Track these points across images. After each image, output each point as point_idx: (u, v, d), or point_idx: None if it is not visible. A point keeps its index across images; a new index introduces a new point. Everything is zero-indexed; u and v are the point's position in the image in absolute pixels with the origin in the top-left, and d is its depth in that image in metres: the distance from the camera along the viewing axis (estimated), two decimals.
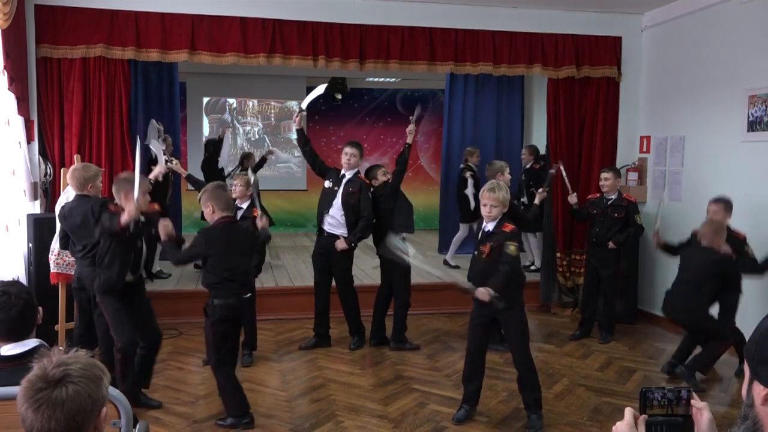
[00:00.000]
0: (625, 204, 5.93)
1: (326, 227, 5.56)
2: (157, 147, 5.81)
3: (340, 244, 5.46)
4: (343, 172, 5.55)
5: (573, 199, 6.04)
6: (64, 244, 4.71)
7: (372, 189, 5.62)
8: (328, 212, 5.52)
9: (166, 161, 5.52)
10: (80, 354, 1.65)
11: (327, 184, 5.59)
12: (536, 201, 5.65)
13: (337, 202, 5.48)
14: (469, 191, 7.72)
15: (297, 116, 5.92)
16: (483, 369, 4.29)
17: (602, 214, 5.95)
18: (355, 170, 5.55)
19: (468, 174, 7.81)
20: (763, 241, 5.26)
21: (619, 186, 6.10)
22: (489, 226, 4.07)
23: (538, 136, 8.83)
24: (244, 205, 5.23)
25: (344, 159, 5.51)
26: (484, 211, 4.04)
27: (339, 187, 5.49)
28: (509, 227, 4.02)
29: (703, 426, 1.34)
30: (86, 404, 1.52)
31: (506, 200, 4.04)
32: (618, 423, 1.36)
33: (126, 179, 4.17)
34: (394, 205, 5.56)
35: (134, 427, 2.33)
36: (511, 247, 3.96)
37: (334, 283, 5.74)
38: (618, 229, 5.89)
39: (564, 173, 6.10)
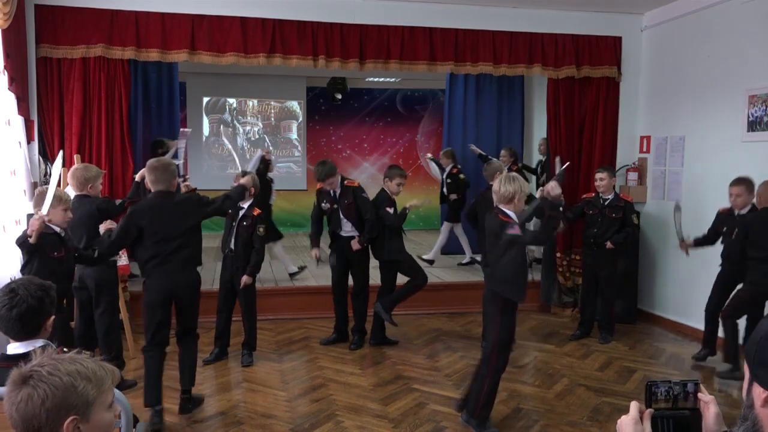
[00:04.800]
0: (622, 204, 5.93)
1: (342, 234, 5.72)
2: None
3: (355, 245, 5.62)
4: (330, 190, 5.68)
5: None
6: None
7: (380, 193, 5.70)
8: (340, 230, 5.70)
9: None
10: (72, 356, 1.54)
11: (325, 206, 5.72)
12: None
13: (342, 219, 5.65)
14: None
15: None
16: None
17: (599, 214, 5.95)
18: (341, 183, 5.65)
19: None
20: None
21: (614, 186, 6.09)
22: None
23: (539, 136, 8.84)
24: (245, 205, 5.24)
25: (328, 188, 5.64)
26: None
27: (337, 205, 5.64)
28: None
29: (709, 420, 1.33)
30: (38, 411, 1.44)
31: (509, 192, 3.89)
32: (623, 417, 1.35)
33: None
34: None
35: (134, 427, 2.34)
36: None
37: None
38: (616, 229, 5.89)
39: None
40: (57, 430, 1.47)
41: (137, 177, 5.04)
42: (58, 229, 3.92)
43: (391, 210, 5.62)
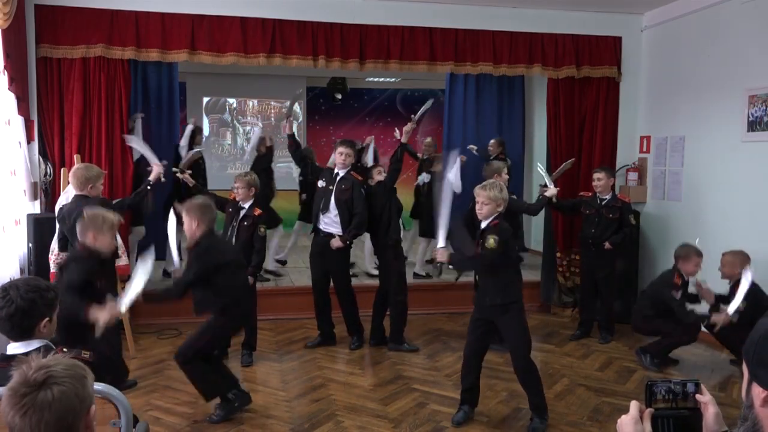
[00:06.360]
0: (619, 204, 5.93)
1: (322, 226, 5.59)
2: (139, 144, 5.65)
3: (336, 243, 5.47)
4: (336, 170, 5.58)
5: (551, 191, 5.84)
6: (63, 246, 4.72)
7: (366, 187, 5.64)
8: (324, 212, 5.54)
9: (178, 171, 5.42)
10: (58, 356, 1.65)
11: (321, 183, 5.63)
12: (548, 194, 5.70)
13: (332, 200, 5.51)
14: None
15: (286, 122, 6.12)
16: (479, 371, 4.27)
17: (597, 215, 5.94)
18: (349, 168, 5.58)
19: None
20: (764, 241, 5.26)
21: (612, 185, 6.08)
22: (483, 224, 4.05)
23: (539, 136, 8.84)
24: (246, 205, 5.24)
25: (339, 159, 5.54)
26: (477, 208, 4.04)
27: (332, 186, 5.52)
28: (495, 222, 4.00)
29: (709, 420, 1.33)
30: (74, 403, 1.51)
31: (498, 198, 3.99)
32: (623, 416, 1.35)
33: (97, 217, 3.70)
34: (389, 204, 5.58)
35: (134, 427, 2.34)
36: (490, 240, 3.90)
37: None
38: (614, 229, 5.89)
39: (561, 168, 6.15)
40: (82, 422, 1.55)
41: (151, 178, 4.95)
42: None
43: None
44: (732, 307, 4.76)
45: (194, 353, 4.13)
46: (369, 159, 7.04)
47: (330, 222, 5.54)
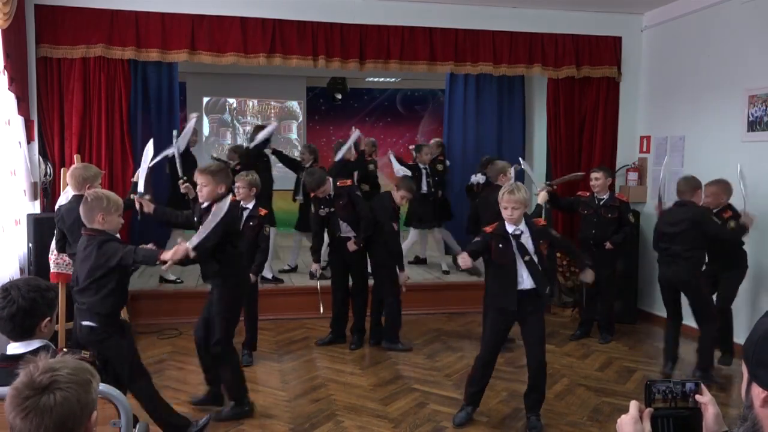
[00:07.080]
0: (617, 204, 5.92)
1: (339, 234, 5.71)
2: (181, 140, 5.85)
3: (351, 246, 5.58)
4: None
5: (542, 197, 5.81)
6: (61, 247, 4.69)
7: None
8: (339, 232, 5.66)
9: (182, 179, 5.27)
10: (68, 358, 1.63)
11: (322, 212, 5.67)
12: (540, 201, 5.71)
13: (339, 221, 5.63)
14: None
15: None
16: (491, 374, 4.29)
17: (595, 215, 5.93)
18: (333, 185, 5.61)
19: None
20: (764, 241, 5.26)
21: (610, 185, 6.07)
22: (521, 228, 4.02)
23: (539, 136, 8.82)
24: (249, 205, 5.23)
25: (323, 195, 5.59)
26: (505, 214, 4.00)
27: (333, 208, 5.62)
28: (542, 221, 4.23)
29: (708, 420, 1.33)
30: (75, 410, 1.50)
31: (527, 200, 4.01)
32: (623, 416, 1.35)
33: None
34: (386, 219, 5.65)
35: (134, 427, 2.34)
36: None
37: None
38: (614, 229, 5.88)
39: (567, 177, 6.14)
40: (82, 428, 1.53)
41: (135, 178, 4.98)
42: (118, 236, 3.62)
43: (396, 226, 5.60)
44: (745, 195, 4.99)
45: (229, 335, 4.18)
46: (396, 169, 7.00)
47: (344, 232, 5.67)
